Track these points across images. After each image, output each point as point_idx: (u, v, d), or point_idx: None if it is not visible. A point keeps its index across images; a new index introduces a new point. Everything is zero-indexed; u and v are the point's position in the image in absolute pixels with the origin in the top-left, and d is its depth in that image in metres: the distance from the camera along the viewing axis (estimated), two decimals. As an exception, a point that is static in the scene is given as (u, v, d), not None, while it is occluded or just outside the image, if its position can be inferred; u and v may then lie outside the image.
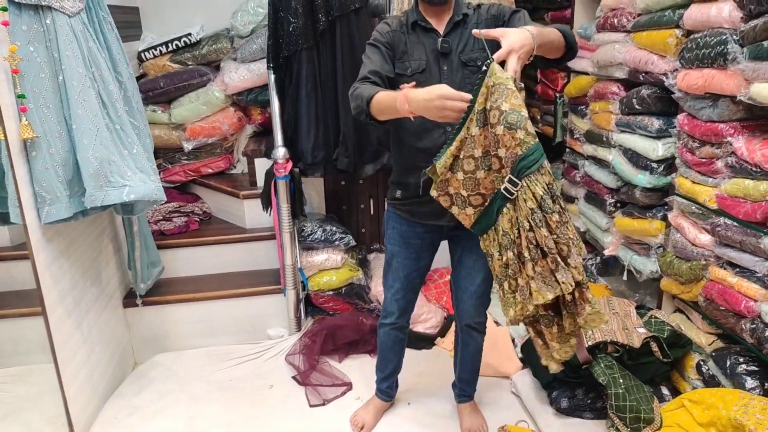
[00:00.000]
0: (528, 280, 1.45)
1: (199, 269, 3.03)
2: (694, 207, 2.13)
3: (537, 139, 1.41)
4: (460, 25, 1.77)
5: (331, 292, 2.92)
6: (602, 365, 2.13)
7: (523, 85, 1.43)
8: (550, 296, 1.42)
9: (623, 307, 2.39)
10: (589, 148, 2.79)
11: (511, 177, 1.42)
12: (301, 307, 2.90)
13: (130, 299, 2.76)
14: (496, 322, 2.82)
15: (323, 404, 2.41)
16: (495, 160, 1.46)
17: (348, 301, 2.96)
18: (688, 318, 2.35)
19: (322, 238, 2.88)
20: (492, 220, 1.52)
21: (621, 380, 2.08)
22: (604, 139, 2.61)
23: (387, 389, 2.30)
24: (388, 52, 1.78)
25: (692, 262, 2.15)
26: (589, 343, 2.17)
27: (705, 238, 2.09)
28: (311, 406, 2.40)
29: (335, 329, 2.78)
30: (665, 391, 2.26)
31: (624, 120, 2.44)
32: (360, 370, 2.62)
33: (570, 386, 2.24)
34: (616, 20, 2.45)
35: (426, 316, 2.87)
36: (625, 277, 2.59)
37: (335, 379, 2.54)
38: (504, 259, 1.49)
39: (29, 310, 2.03)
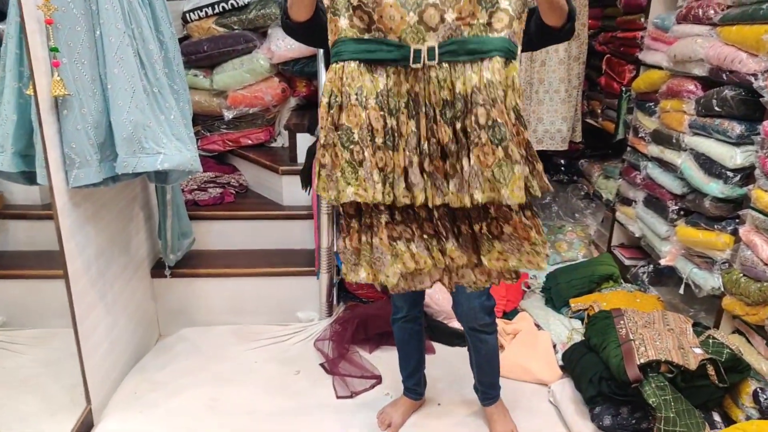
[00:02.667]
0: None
1: (232, 244, 2.94)
2: (771, 223, 1.93)
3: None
4: None
5: (365, 279, 2.80)
6: (653, 385, 1.96)
7: None
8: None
9: (679, 323, 2.21)
10: (654, 149, 2.58)
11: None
12: (334, 292, 2.79)
13: (158, 269, 2.68)
14: (537, 326, 2.67)
15: (351, 396, 2.30)
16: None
17: (383, 290, 2.83)
18: (749, 341, 2.16)
19: (360, 222, 2.75)
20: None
21: (672, 403, 1.92)
22: (674, 140, 2.40)
23: (414, 387, 2.18)
24: None
25: (763, 283, 1.96)
26: (642, 361, 2.00)
27: (781, 259, 1.90)
28: (338, 397, 2.30)
29: (368, 318, 2.66)
30: (717, 417, 2.09)
31: (699, 122, 2.23)
32: (391, 363, 2.48)
33: (615, 403, 2.08)
34: (701, 11, 2.22)
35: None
36: (681, 290, 2.41)
37: (365, 371, 2.43)
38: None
39: (53, 272, 1.95)
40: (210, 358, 2.53)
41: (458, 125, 1.22)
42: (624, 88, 2.90)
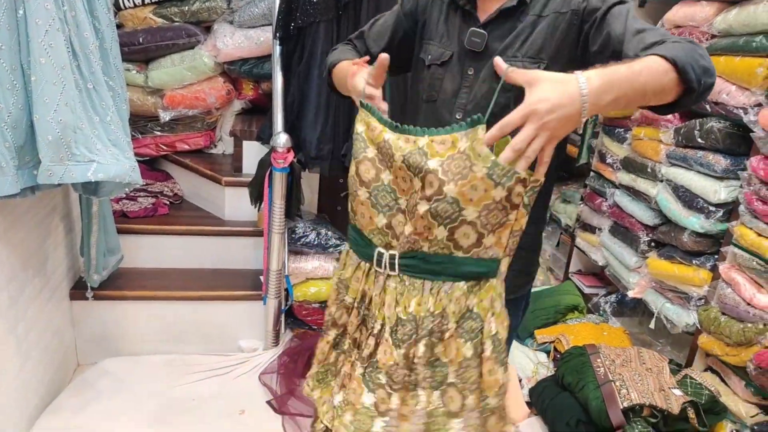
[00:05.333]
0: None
1: (166, 262, 2.60)
2: (756, 262, 1.87)
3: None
4: (512, 16, 1.17)
5: (317, 305, 2.55)
6: (637, 431, 1.86)
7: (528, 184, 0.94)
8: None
9: (656, 362, 2.13)
10: (625, 177, 2.50)
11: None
12: (282, 319, 2.52)
13: (79, 290, 2.31)
14: (500, 358, 2.52)
15: (304, 441, 2.05)
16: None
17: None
18: (723, 381, 2.11)
19: (315, 243, 2.50)
20: None
21: (655, 450, 1.83)
22: (649, 170, 2.33)
23: None
24: (407, 23, 1.31)
25: (746, 324, 1.90)
26: (625, 405, 1.89)
27: (765, 300, 1.84)
28: (289, 442, 2.05)
29: (319, 349, 2.41)
30: (692, 460, 2.02)
31: (679, 153, 2.16)
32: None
33: (591, 448, 1.96)
34: (684, 39, 2.16)
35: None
36: (652, 325, 2.33)
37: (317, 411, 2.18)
38: None
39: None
40: (138, 395, 2.18)
41: (405, 351, 1.04)
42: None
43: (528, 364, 2.45)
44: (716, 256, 2.08)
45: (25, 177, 1.64)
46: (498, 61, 0.95)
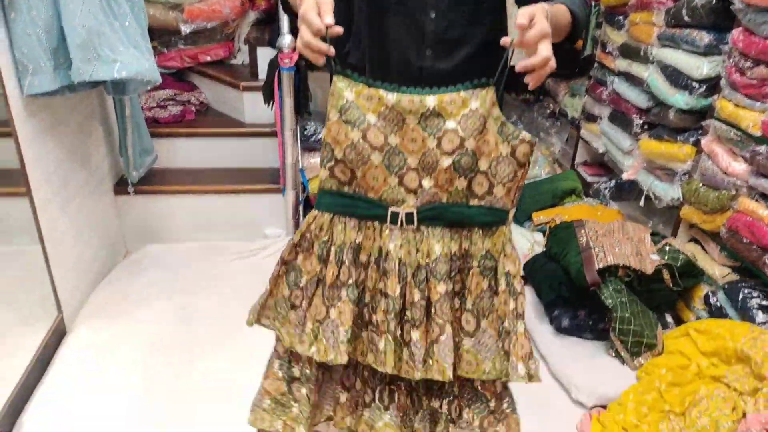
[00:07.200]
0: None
1: (195, 162, 2.88)
2: (733, 133, 1.98)
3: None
4: None
5: (331, 197, 2.79)
6: (611, 288, 2.05)
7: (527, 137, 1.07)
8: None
9: (638, 232, 2.29)
10: (622, 63, 2.58)
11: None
12: (300, 209, 2.78)
13: (121, 186, 2.63)
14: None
15: (319, 308, 2.34)
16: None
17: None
18: (704, 249, 2.26)
19: (327, 139, 2.70)
20: None
21: (628, 305, 2.02)
22: (642, 53, 2.40)
23: None
24: None
25: (721, 192, 2.03)
26: (600, 266, 2.08)
27: (739, 167, 1.96)
28: (307, 309, 2.34)
29: (334, 234, 2.67)
30: (669, 319, 2.22)
31: (668, 33, 2.23)
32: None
33: (573, 307, 2.17)
34: None
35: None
36: (641, 203, 2.48)
37: (332, 284, 2.46)
38: None
39: (13, 190, 1.89)
40: (178, 271, 2.53)
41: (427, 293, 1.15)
42: (593, 3, 2.86)
43: (525, 243, 2.64)
44: (699, 132, 2.18)
45: (61, 76, 1.88)
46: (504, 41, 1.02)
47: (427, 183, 1.09)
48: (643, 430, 1.74)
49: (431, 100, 1.04)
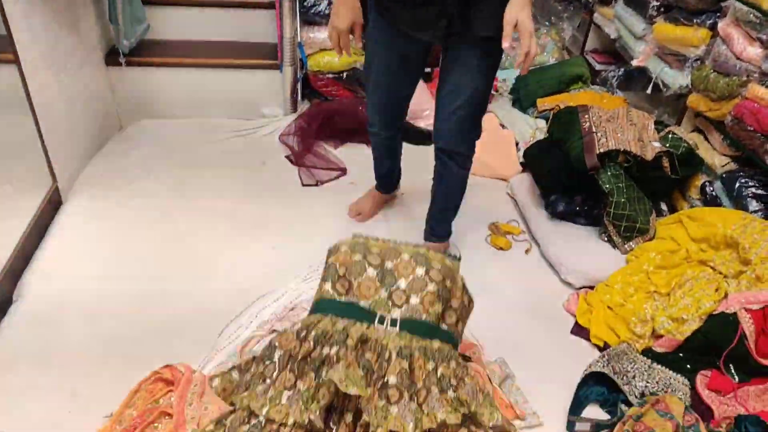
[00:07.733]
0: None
1: (189, 34, 2.76)
2: (752, 15, 1.88)
3: None
4: None
5: (331, 75, 2.72)
6: (609, 173, 2.04)
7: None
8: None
9: (642, 119, 2.24)
10: (642, -61, 2.41)
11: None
12: (298, 87, 2.71)
13: (113, 57, 2.53)
14: (502, 125, 2.68)
15: (316, 185, 2.35)
16: None
17: (348, 88, 2.77)
18: (706, 139, 2.23)
19: (326, 12, 2.58)
20: None
21: (625, 190, 2.02)
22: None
23: (385, 184, 2.20)
24: None
25: (731, 78, 1.97)
26: (601, 150, 2.05)
27: (754, 51, 1.89)
28: (304, 185, 2.34)
29: (333, 114, 2.63)
30: (663, 206, 2.23)
31: None
32: (356, 158, 2.51)
33: (569, 193, 2.17)
34: None
35: (429, 112, 2.71)
36: (649, 90, 2.41)
37: (330, 163, 2.46)
38: None
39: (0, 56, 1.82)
40: (174, 146, 2.50)
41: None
42: None
43: (527, 129, 2.61)
44: (717, 14, 2.08)
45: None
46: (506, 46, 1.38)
47: (414, 300, 1.32)
48: (628, 309, 1.80)
49: (420, 252, 1.36)
